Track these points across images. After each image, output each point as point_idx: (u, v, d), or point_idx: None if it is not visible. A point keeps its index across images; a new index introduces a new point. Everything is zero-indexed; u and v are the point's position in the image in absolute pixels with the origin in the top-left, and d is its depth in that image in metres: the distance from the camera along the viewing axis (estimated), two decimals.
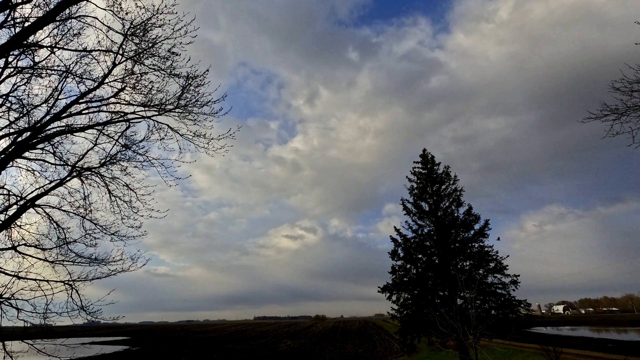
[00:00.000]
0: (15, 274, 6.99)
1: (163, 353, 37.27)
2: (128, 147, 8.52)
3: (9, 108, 7.56)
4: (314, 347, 38.55)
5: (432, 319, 16.79)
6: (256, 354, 33.26)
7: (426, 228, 21.06)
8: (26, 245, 7.66)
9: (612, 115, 8.44)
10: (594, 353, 24.41)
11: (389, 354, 29.74)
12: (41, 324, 6.96)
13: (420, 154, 22.84)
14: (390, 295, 20.04)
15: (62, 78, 7.79)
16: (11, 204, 7.63)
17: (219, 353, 35.17)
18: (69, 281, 7.48)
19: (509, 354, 18.25)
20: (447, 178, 21.27)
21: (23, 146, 7.29)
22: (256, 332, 71.36)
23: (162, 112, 8.27)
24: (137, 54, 7.63)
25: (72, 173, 8.26)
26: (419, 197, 21.74)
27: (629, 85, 8.01)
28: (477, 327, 10.24)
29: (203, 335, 67.64)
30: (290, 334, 60.26)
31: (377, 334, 53.50)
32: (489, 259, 18.86)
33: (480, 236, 19.60)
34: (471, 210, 20.08)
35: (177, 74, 7.93)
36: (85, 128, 7.97)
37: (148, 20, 7.22)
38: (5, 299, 6.68)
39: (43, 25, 6.52)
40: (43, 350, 6.67)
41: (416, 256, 20.19)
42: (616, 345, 28.68)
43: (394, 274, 20.36)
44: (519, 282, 18.45)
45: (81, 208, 8.49)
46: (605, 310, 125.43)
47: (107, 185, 8.62)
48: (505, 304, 18.16)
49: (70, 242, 8.12)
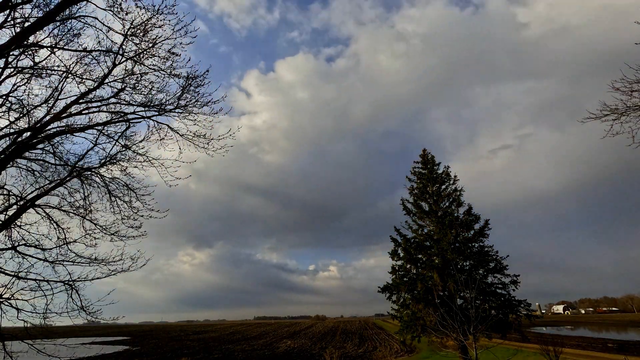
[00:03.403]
0: (15, 274, 6.99)
1: (163, 353, 37.27)
2: (128, 147, 8.52)
3: (9, 108, 7.57)
4: (314, 347, 38.54)
5: (432, 319, 16.79)
6: (256, 354, 33.26)
7: (426, 228, 21.07)
8: (26, 245, 7.66)
9: (612, 115, 8.44)
10: (594, 353, 24.43)
11: (389, 354, 29.73)
12: (41, 324, 6.96)
13: (420, 154, 22.84)
14: (390, 295, 20.04)
15: (62, 78, 7.80)
16: (11, 204, 7.64)
17: (219, 353, 35.17)
18: (69, 281, 7.48)
19: (509, 354, 18.24)
20: (447, 178, 21.27)
21: (23, 146, 7.30)
22: (256, 332, 71.35)
23: (162, 112, 8.27)
24: (137, 54, 7.63)
25: (72, 173, 8.26)
26: (419, 197, 21.74)
27: (628, 85, 8.02)
28: (477, 327, 10.24)
29: (203, 335, 67.64)
30: (290, 334, 60.26)
31: (377, 334, 53.49)
32: (489, 259, 18.87)
33: (480, 236, 19.61)
34: (471, 210, 20.10)
35: (177, 74, 7.94)
36: (85, 128, 7.97)
37: (148, 21, 7.21)
38: (5, 299, 6.68)
39: (43, 25, 6.52)
40: (43, 351, 6.67)
41: (416, 256, 20.19)
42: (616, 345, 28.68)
43: (394, 274, 20.36)
44: (519, 282, 18.48)
45: (81, 208, 8.50)
46: (605, 310, 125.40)
47: (107, 185, 8.62)
48: (505, 304, 18.17)
49: (70, 242, 8.12)
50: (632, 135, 8.37)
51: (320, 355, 29.93)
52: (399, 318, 19.92)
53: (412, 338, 19.25)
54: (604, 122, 8.58)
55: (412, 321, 18.79)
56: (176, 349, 41.44)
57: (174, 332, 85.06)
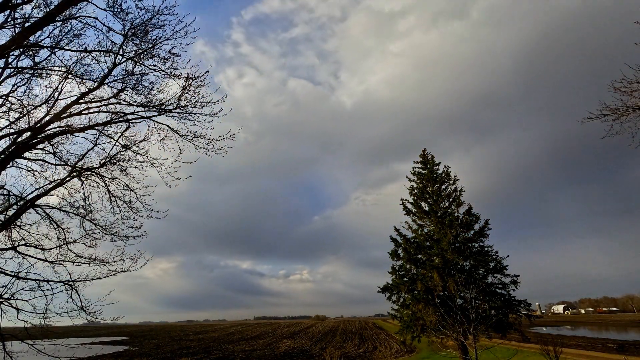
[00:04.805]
0: (15, 274, 6.99)
1: (163, 353, 37.28)
2: (128, 147, 8.53)
3: (9, 108, 7.57)
4: (314, 347, 38.54)
5: (432, 319, 16.79)
6: (256, 354, 33.26)
7: (426, 228, 21.08)
8: (26, 245, 7.67)
9: (612, 115, 8.44)
10: (594, 353, 24.43)
11: (389, 354, 29.73)
12: (41, 324, 6.96)
13: (420, 154, 22.84)
14: (390, 295, 20.05)
15: (62, 78, 7.80)
16: (11, 204, 7.64)
17: (219, 353, 35.17)
18: (69, 281, 7.48)
19: (509, 354, 18.24)
20: (447, 178, 21.27)
21: (23, 146, 7.30)
22: (256, 332, 71.34)
23: (162, 112, 8.28)
24: (137, 55, 7.63)
25: (72, 173, 8.26)
26: (418, 197, 21.73)
27: (629, 85, 8.01)
28: (477, 327, 10.25)
29: (203, 335, 67.64)
30: (290, 334, 60.26)
31: (377, 334, 53.50)
32: (488, 259, 18.87)
33: (480, 236, 19.62)
34: (471, 210, 20.10)
35: (177, 74, 7.94)
36: (85, 128, 7.97)
37: (148, 21, 7.22)
38: (5, 299, 6.68)
39: (43, 25, 6.52)
40: (43, 351, 6.67)
41: (416, 256, 20.20)
42: (616, 345, 28.69)
43: (394, 274, 20.37)
44: (519, 282, 18.48)
45: (81, 208, 8.51)
46: (605, 310, 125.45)
47: (107, 186, 8.63)
48: (505, 304, 18.16)
49: (70, 242, 8.13)
50: (632, 135, 8.38)
51: (320, 355, 29.93)
52: (399, 318, 19.92)
53: (412, 338, 19.25)
54: (603, 122, 8.58)
55: (412, 321, 18.80)
56: (176, 349, 41.44)
57: (174, 332, 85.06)
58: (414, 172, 22.56)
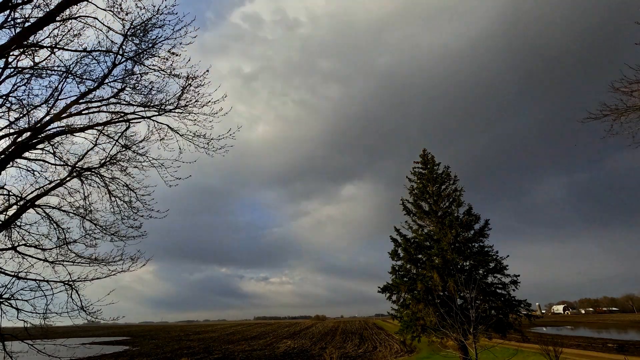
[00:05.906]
0: (15, 274, 6.99)
1: (163, 353, 37.27)
2: (128, 147, 8.52)
3: (9, 108, 7.56)
4: (314, 347, 38.54)
5: (432, 319, 16.79)
6: (256, 354, 33.25)
7: (426, 228, 21.07)
8: (26, 245, 7.67)
9: (612, 115, 8.43)
10: (594, 353, 24.45)
11: (389, 354, 29.73)
12: (41, 324, 6.96)
13: (420, 154, 22.84)
14: (390, 295, 20.04)
15: (62, 78, 7.79)
16: (11, 204, 7.64)
17: (219, 353, 35.17)
18: (69, 281, 7.48)
19: (509, 354, 18.25)
20: (447, 178, 21.27)
21: (23, 146, 7.30)
22: (256, 332, 71.34)
23: (162, 112, 8.27)
24: (137, 55, 7.63)
25: (72, 173, 8.26)
26: (418, 197, 21.73)
27: (629, 86, 8.01)
28: (477, 327, 10.25)
29: (203, 335, 67.64)
30: (290, 334, 60.25)
31: (377, 334, 53.49)
32: (489, 259, 18.86)
33: (480, 236, 19.62)
34: (471, 210, 20.10)
35: (177, 74, 7.92)
36: (85, 128, 7.97)
37: (148, 21, 7.21)
38: (5, 299, 6.68)
39: (43, 25, 6.51)
40: (43, 350, 6.68)
41: (416, 256, 20.19)
42: (616, 345, 28.68)
43: (394, 274, 20.36)
44: (519, 282, 18.46)
45: (81, 208, 8.51)
46: (605, 310, 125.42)
47: (107, 186, 8.62)
48: (505, 304, 18.15)
49: (70, 242, 8.13)
50: (632, 135, 8.38)
51: (320, 355, 29.92)
52: (399, 318, 19.91)
53: (412, 338, 19.24)
54: (603, 122, 8.58)
55: (412, 321, 18.78)
56: (176, 349, 41.44)
57: (174, 332, 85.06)
58: (414, 172, 22.56)
